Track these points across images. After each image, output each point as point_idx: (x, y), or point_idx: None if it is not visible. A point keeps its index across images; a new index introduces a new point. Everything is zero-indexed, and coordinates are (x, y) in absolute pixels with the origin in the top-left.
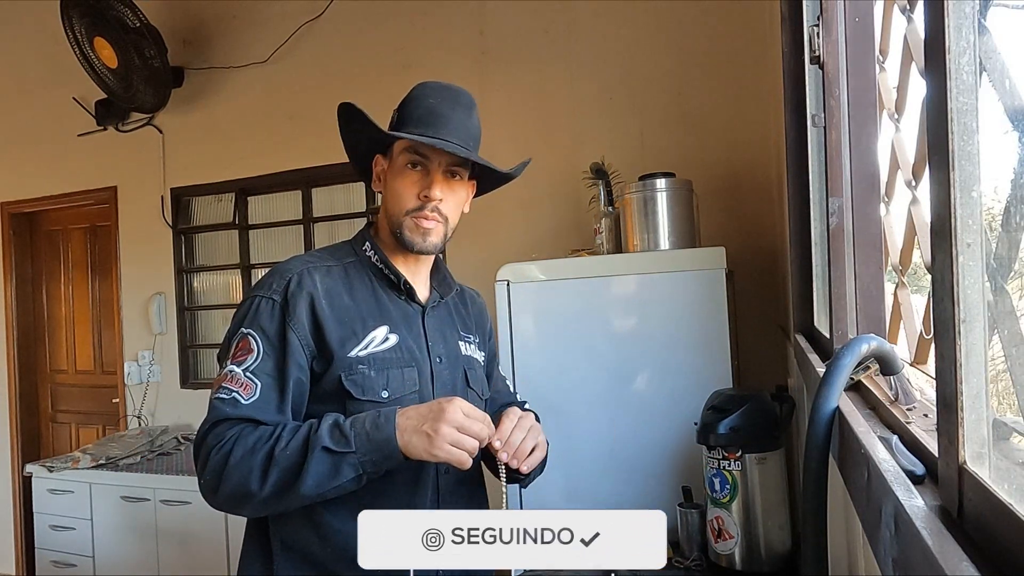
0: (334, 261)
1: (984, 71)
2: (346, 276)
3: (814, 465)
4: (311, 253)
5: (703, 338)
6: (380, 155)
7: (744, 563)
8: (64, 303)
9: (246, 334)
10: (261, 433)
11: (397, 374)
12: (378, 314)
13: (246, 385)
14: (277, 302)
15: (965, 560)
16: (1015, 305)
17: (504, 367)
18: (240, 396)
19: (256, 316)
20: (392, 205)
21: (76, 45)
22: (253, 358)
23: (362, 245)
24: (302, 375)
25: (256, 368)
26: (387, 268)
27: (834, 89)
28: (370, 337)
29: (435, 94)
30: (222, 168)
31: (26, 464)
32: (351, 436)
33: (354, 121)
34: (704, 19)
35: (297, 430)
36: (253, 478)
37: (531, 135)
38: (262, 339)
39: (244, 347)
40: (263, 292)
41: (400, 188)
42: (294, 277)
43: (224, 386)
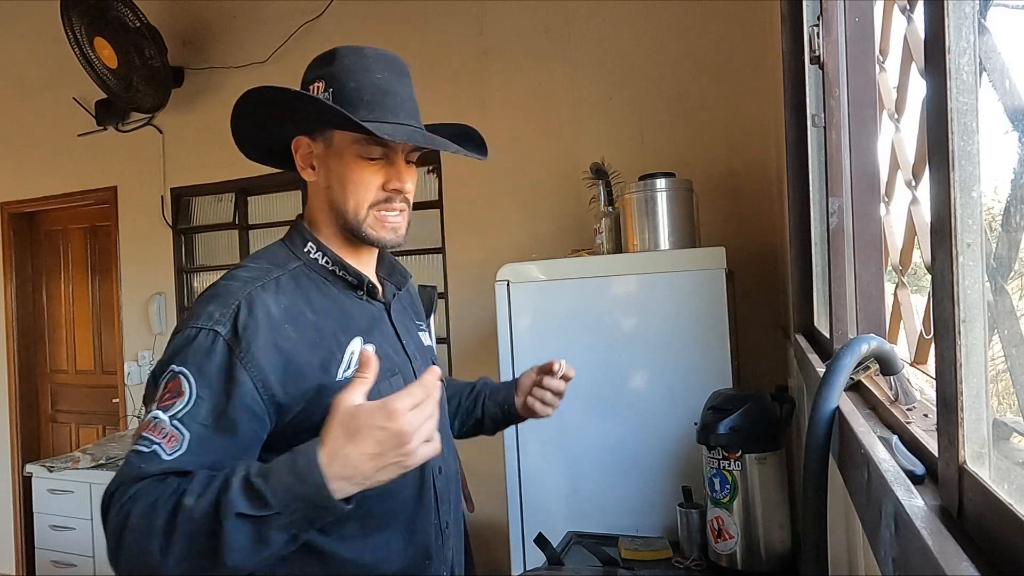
0: (279, 270)
1: (984, 71)
2: (298, 287)
3: (814, 465)
4: (247, 266)
5: (703, 338)
6: (305, 137)
7: (744, 563)
8: (64, 303)
9: (177, 373)
10: (166, 486)
11: (386, 387)
12: (346, 325)
13: (171, 435)
14: (221, 336)
15: (965, 560)
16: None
17: (504, 367)
18: (162, 449)
19: (192, 352)
20: (346, 199)
21: (76, 45)
22: (183, 403)
23: (303, 247)
24: (254, 423)
25: (186, 415)
26: (341, 269)
27: (834, 89)
28: (348, 353)
29: (377, 66)
30: (222, 168)
31: (26, 464)
32: (267, 493)
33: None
34: (704, 19)
35: (210, 482)
36: (153, 550)
37: (531, 135)
38: (197, 380)
39: (173, 389)
40: (203, 323)
41: (358, 180)
42: (242, 303)
43: (145, 436)
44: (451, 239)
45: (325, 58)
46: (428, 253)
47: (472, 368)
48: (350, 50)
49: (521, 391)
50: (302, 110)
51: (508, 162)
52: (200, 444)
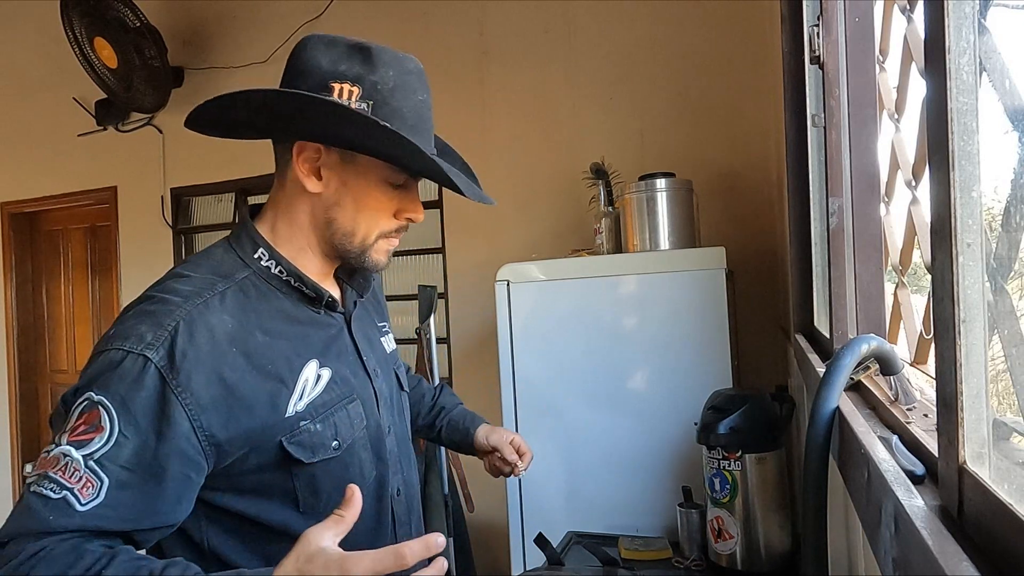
0: (224, 282)
1: (984, 71)
2: (247, 301)
3: (814, 465)
4: (188, 276)
5: (703, 338)
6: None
7: (744, 563)
8: (64, 303)
9: (96, 403)
10: (79, 558)
11: (343, 416)
12: (301, 346)
13: (86, 481)
14: (152, 362)
15: (965, 560)
16: (1015, 305)
17: (504, 367)
18: (74, 497)
19: (116, 379)
20: (357, 223)
21: (76, 45)
22: (102, 441)
23: (252, 252)
24: (188, 468)
25: (105, 456)
26: (297, 280)
27: (834, 89)
28: (302, 381)
29: (419, 84)
30: (222, 168)
31: (26, 464)
32: None
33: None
34: (704, 19)
35: (132, 567)
36: None
37: (531, 135)
38: (120, 415)
39: (90, 422)
40: (130, 344)
41: (378, 205)
42: (180, 324)
43: (52, 476)
44: (451, 239)
45: (355, 53)
46: (428, 253)
47: (472, 368)
48: (390, 56)
49: (478, 449)
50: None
51: (508, 162)
52: (121, 492)
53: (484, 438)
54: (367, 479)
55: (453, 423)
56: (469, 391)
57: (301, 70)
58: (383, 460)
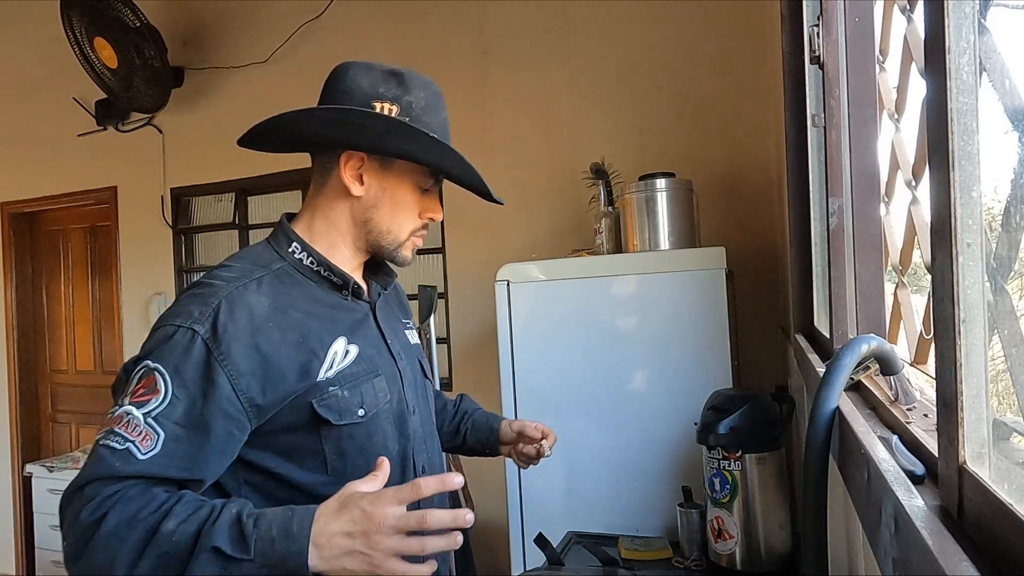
0: (261, 270)
1: (984, 71)
2: (281, 286)
3: (814, 465)
4: (230, 266)
5: (703, 338)
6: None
7: (744, 563)
8: (64, 303)
9: (153, 370)
10: (150, 499)
11: (369, 388)
12: (330, 325)
13: (145, 435)
14: (199, 335)
15: (965, 560)
16: (1015, 305)
17: (504, 367)
18: (136, 448)
19: (169, 350)
20: (392, 221)
21: (76, 45)
22: (158, 401)
23: (287, 246)
24: (233, 427)
25: (161, 414)
26: (327, 270)
27: (834, 89)
28: (331, 353)
29: (443, 103)
30: (222, 168)
31: (26, 464)
32: (251, 539)
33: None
34: (704, 19)
35: (197, 509)
36: (122, 559)
37: (531, 135)
38: (173, 380)
39: (148, 385)
40: (181, 321)
41: (407, 207)
42: (222, 303)
43: (116, 431)
44: (451, 239)
45: (391, 78)
46: (428, 253)
47: (472, 368)
48: (421, 81)
49: (503, 442)
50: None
51: (508, 162)
52: (175, 444)
53: (508, 427)
54: (391, 451)
55: (477, 424)
56: (469, 391)
57: (344, 91)
58: (406, 436)
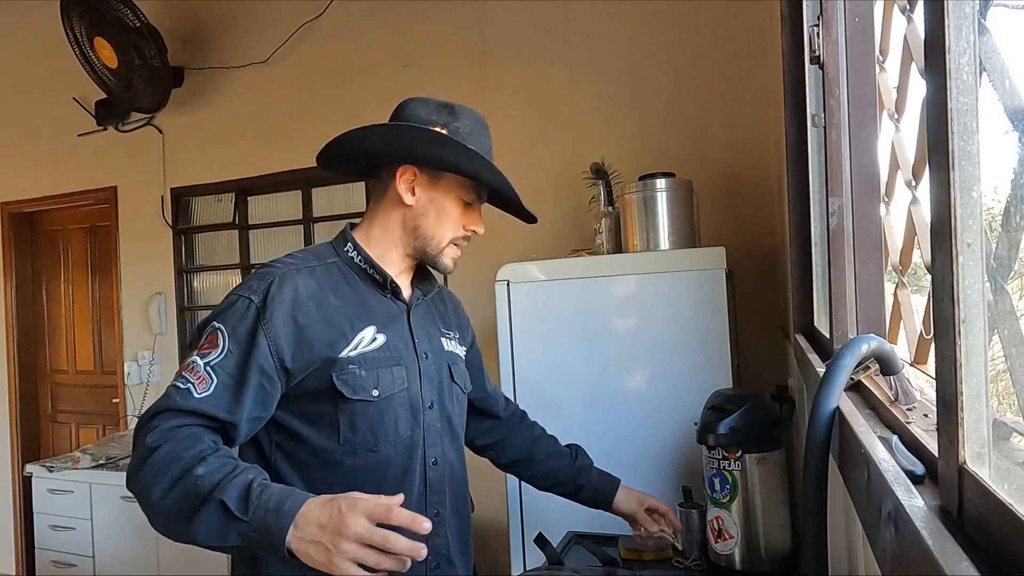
0: (317, 262)
1: (984, 71)
2: (330, 276)
3: (814, 465)
4: (294, 254)
5: (703, 338)
6: (414, 167)
7: (744, 563)
8: (64, 303)
9: (216, 328)
10: (196, 442)
11: (387, 373)
12: (364, 314)
13: (203, 379)
14: (254, 303)
15: (965, 560)
16: (1015, 305)
17: (504, 367)
18: (194, 388)
19: (230, 313)
20: (436, 229)
21: (76, 45)
22: (217, 353)
23: (343, 246)
24: (265, 381)
25: (217, 364)
26: (371, 268)
27: (834, 89)
28: (359, 337)
29: (487, 133)
30: (222, 168)
31: (26, 464)
32: (252, 505)
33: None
34: (704, 19)
35: (224, 463)
36: (159, 486)
37: (531, 135)
38: (230, 336)
39: (211, 341)
40: (243, 292)
41: (451, 216)
42: (276, 280)
43: (183, 375)
44: None
45: (443, 108)
46: None
47: None
48: (467, 112)
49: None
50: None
51: (508, 162)
52: (224, 390)
53: (625, 505)
54: (401, 434)
55: (593, 483)
56: None
57: (404, 118)
58: (418, 425)
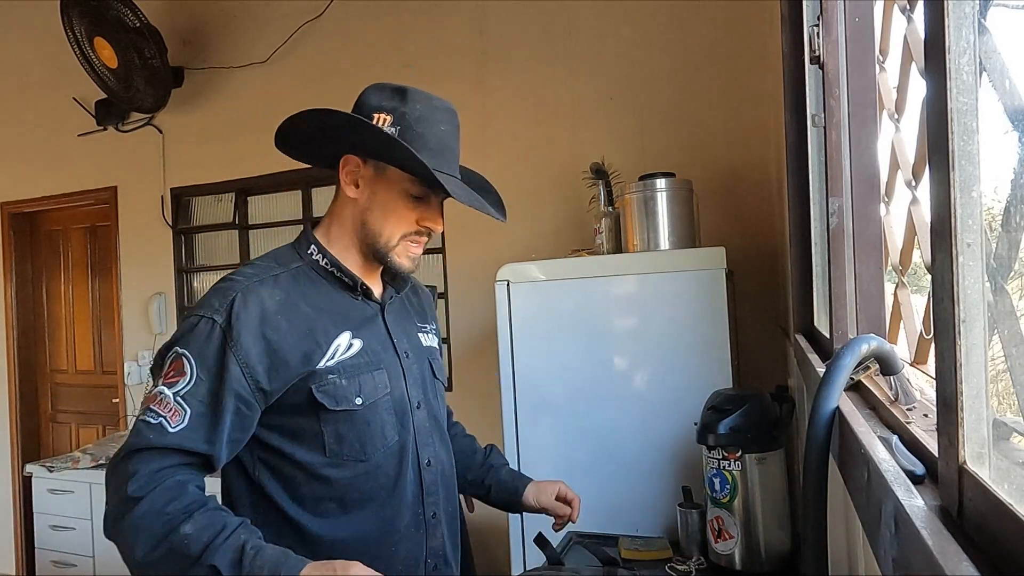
0: (280, 268)
1: (984, 71)
2: (296, 283)
3: (814, 465)
4: (255, 263)
5: (703, 338)
6: (356, 157)
7: (744, 563)
8: (64, 303)
9: (180, 355)
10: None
11: (368, 379)
12: (338, 320)
13: (175, 411)
14: (218, 324)
15: (965, 560)
16: (1015, 305)
17: (504, 367)
18: (167, 422)
19: (193, 337)
20: (383, 226)
21: (76, 45)
22: (185, 382)
23: (307, 248)
24: (242, 405)
25: (187, 393)
26: (339, 271)
27: (834, 89)
28: (335, 345)
29: (444, 118)
30: (222, 168)
31: (26, 464)
32: (247, 568)
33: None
34: (704, 19)
35: (214, 520)
36: (142, 544)
37: (531, 135)
38: (197, 363)
39: (177, 368)
40: (204, 311)
41: (400, 213)
42: (238, 296)
43: (152, 408)
44: (451, 239)
45: (395, 93)
46: (428, 253)
47: (472, 368)
48: (421, 96)
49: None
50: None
51: (508, 162)
52: (200, 420)
53: (533, 499)
54: (388, 440)
55: (502, 483)
56: (469, 391)
57: (356, 107)
58: (406, 428)
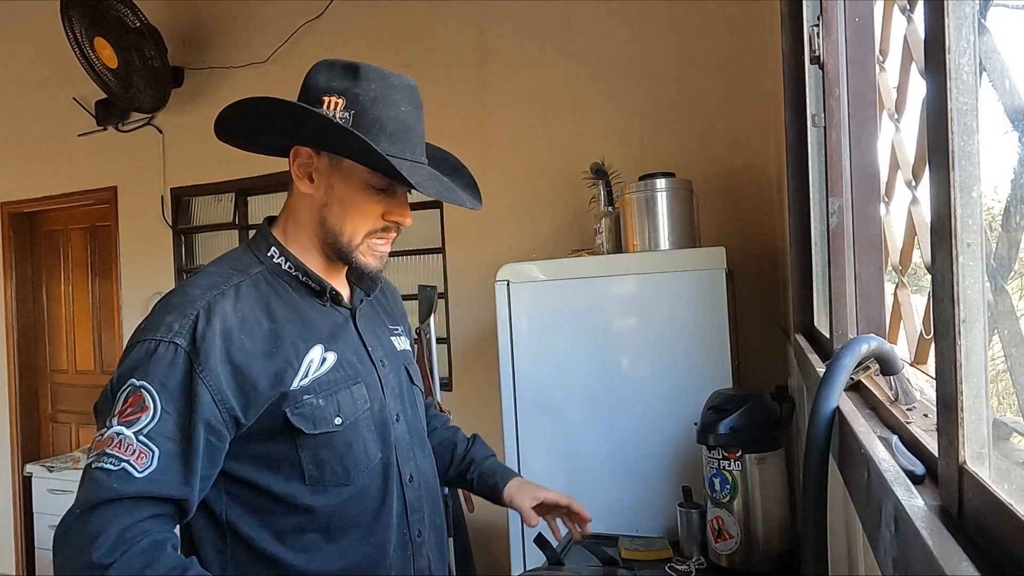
0: (240, 276)
1: (984, 71)
2: (258, 293)
3: (814, 465)
4: (208, 271)
5: (703, 338)
6: (307, 148)
7: (744, 563)
8: (64, 303)
9: (139, 387)
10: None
11: (347, 395)
12: (307, 333)
13: (140, 452)
14: (181, 347)
15: (965, 560)
16: (1015, 305)
17: (504, 367)
18: (132, 467)
19: (152, 365)
20: (343, 223)
21: (76, 45)
22: (148, 417)
23: (266, 251)
24: (213, 437)
25: (153, 431)
26: (305, 276)
27: (834, 89)
28: (307, 362)
29: (403, 98)
30: (222, 168)
31: (26, 464)
32: None
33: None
34: (704, 19)
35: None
36: None
37: (531, 135)
38: (161, 394)
39: (136, 403)
40: (161, 335)
41: (361, 208)
42: (200, 313)
43: (109, 452)
44: (451, 239)
45: (347, 72)
46: (428, 253)
47: (472, 368)
48: (376, 73)
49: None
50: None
51: (508, 162)
52: (171, 460)
53: (508, 499)
54: (371, 459)
55: (484, 477)
56: (469, 391)
57: (304, 88)
58: (389, 444)
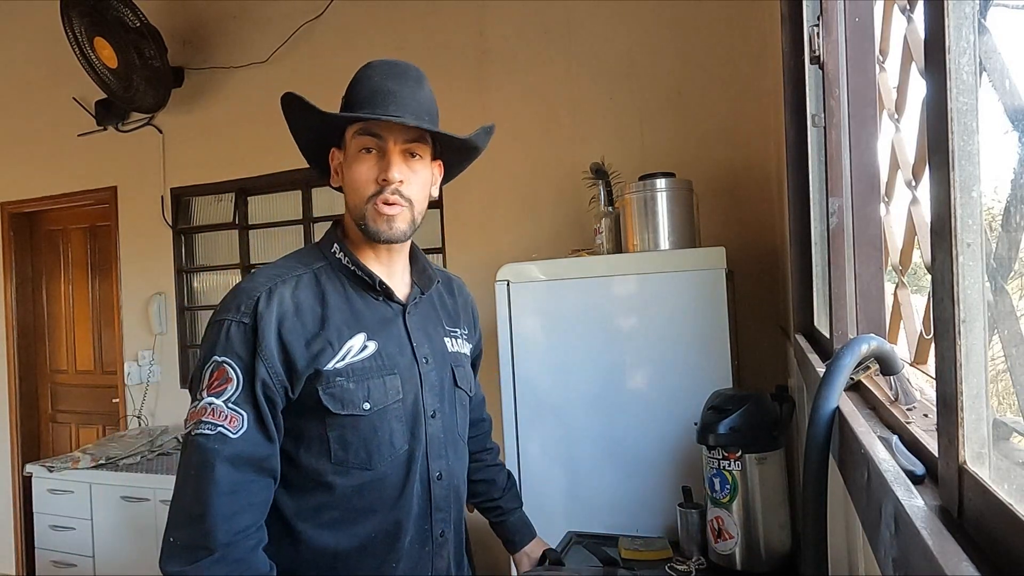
0: (303, 269)
1: (984, 71)
2: (316, 283)
3: (814, 465)
4: (277, 264)
5: (703, 338)
6: (336, 148)
7: (744, 563)
8: (64, 303)
9: (222, 363)
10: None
11: (378, 384)
12: (354, 322)
13: (231, 417)
14: (248, 325)
15: (965, 560)
16: (1015, 305)
17: (504, 367)
18: (227, 430)
19: (229, 342)
20: (352, 196)
21: (76, 45)
22: (233, 388)
23: (330, 247)
24: (270, 406)
25: (239, 399)
26: (359, 270)
27: (834, 89)
28: (347, 347)
29: (379, 72)
30: (222, 168)
31: (26, 464)
32: None
33: (298, 113)
34: (704, 19)
35: None
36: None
37: (531, 135)
38: (240, 367)
39: (221, 376)
40: (232, 315)
41: (357, 175)
42: (262, 296)
43: (205, 420)
44: (451, 239)
45: None
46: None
47: None
48: (366, 64)
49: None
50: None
51: (508, 162)
52: (255, 423)
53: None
54: (396, 448)
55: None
56: None
57: None
58: (417, 438)
